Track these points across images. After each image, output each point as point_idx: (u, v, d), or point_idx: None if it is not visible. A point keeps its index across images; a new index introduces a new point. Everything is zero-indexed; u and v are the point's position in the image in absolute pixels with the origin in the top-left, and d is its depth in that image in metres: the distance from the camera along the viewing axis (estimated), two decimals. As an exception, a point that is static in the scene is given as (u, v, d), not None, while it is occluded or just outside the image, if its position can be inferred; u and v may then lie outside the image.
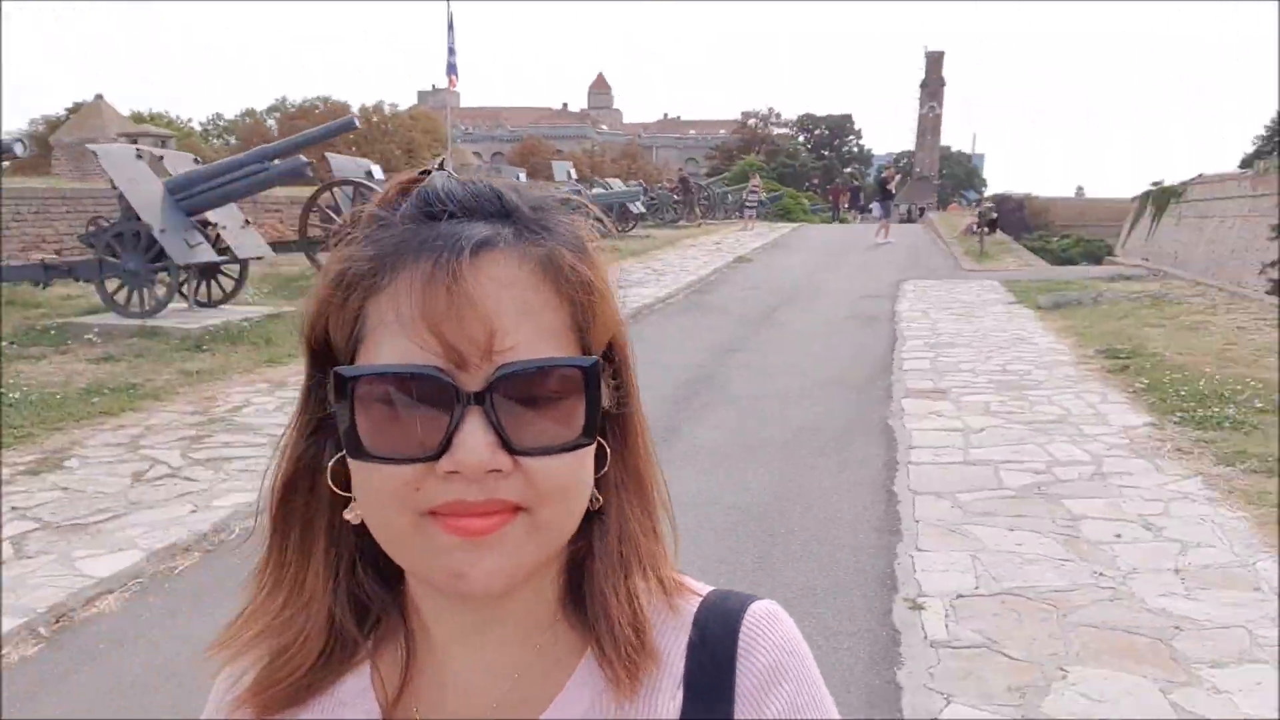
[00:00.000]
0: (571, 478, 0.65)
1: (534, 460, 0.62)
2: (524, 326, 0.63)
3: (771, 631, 0.73)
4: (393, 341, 0.62)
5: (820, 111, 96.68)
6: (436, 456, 0.61)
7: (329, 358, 0.68)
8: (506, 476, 0.62)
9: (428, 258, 0.62)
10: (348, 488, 0.67)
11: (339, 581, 0.72)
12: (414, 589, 0.72)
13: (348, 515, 0.69)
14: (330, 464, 0.69)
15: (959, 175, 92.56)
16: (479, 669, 0.72)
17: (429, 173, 0.69)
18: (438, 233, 0.64)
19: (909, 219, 44.88)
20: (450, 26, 31.11)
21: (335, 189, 14.09)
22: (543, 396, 0.63)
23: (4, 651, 3.86)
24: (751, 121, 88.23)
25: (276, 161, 11.87)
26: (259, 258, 12.62)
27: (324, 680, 0.72)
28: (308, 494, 0.71)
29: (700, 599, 0.74)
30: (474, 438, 0.60)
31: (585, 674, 0.72)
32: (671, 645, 0.72)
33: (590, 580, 0.72)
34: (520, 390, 0.62)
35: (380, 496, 0.63)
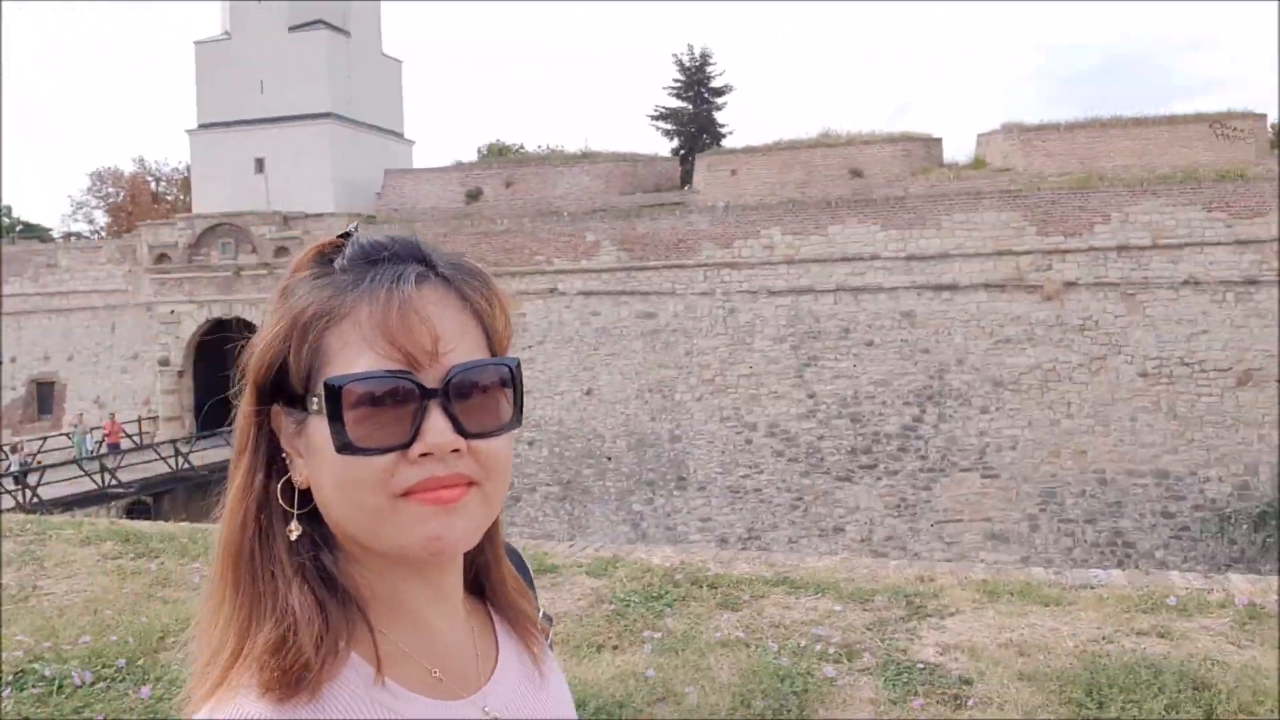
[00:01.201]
0: (507, 455, 0.88)
1: (480, 442, 0.84)
2: (459, 338, 0.85)
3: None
4: (358, 357, 0.82)
5: None
6: (408, 444, 0.81)
7: (278, 393, 0.86)
8: (462, 456, 0.83)
9: (380, 288, 0.84)
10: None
11: (307, 581, 0.85)
12: (375, 580, 0.88)
13: (290, 530, 0.87)
14: (279, 485, 0.87)
15: None
16: (456, 633, 0.95)
17: (347, 235, 0.89)
18: (382, 271, 0.85)
19: None
20: None
21: None
22: (481, 391, 0.85)
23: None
24: None
25: None
26: None
27: (325, 669, 0.83)
28: (262, 516, 0.87)
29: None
30: (439, 423, 0.82)
31: (502, 630, 1.02)
32: None
33: (489, 561, 1.02)
34: (466, 387, 0.84)
35: (361, 485, 0.81)
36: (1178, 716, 3.70)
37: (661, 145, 41.37)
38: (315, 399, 0.83)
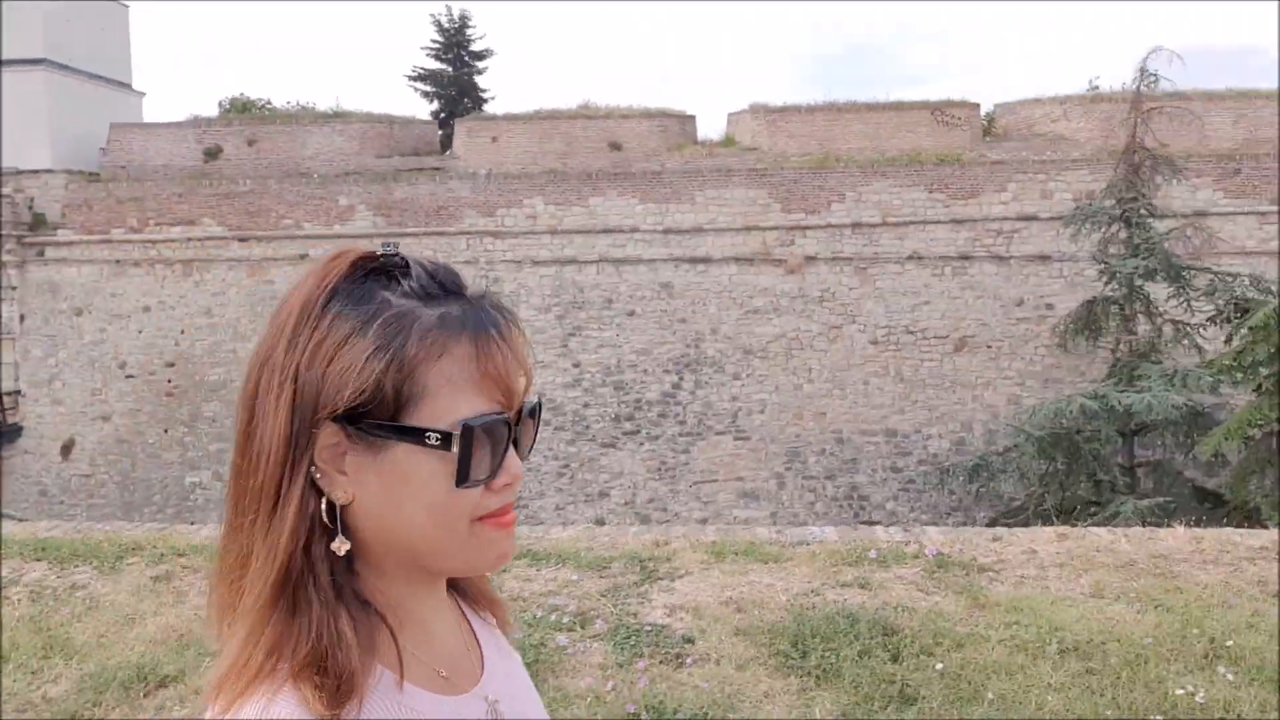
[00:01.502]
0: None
1: (522, 464, 0.95)
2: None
3: None
4: (464, 397, 0.88)
5: None
6: (494, 476, 0.90)
7: (341, 416, 0.86)
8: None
9: (479, 333, 0.91)
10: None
11: (344, 603, 0.89)
12: (389, 589, 0.94)
13: (337, 547, 0.89)
14: (324, 505, 0.89)
15: None
16: (451, 632, 1.04)
17: (385, 256, 0.92)
18: (466, 310, 0.91)
19: None
20: None
21: None
22: (531, 423, 0.97)
23: None
24: None
25: None
26: None
27: (365, 674, 0.88)
28: (310, 535, 0.88)
29: None
30: (514, 455, 0.93)
31: (476, 622, 1.10)
32: None
33: None
34: (526, 421, 0.96)
35: (459, 514, 0.89)
36: (869, 660, 4.10)
37: (420, 107, 40.08)
38: (434, 435, 0.86)
